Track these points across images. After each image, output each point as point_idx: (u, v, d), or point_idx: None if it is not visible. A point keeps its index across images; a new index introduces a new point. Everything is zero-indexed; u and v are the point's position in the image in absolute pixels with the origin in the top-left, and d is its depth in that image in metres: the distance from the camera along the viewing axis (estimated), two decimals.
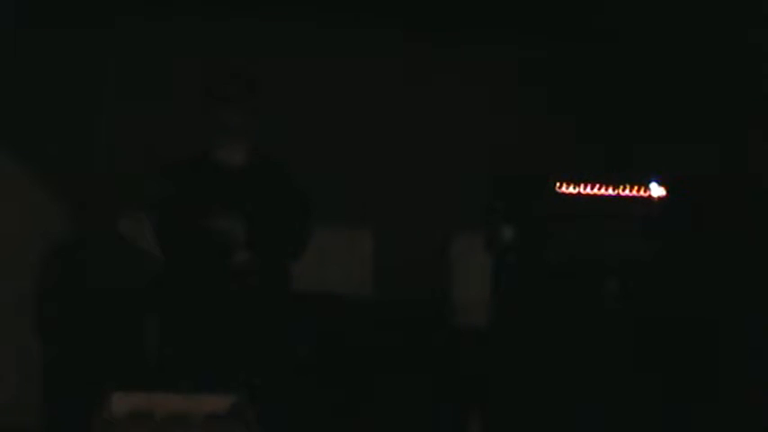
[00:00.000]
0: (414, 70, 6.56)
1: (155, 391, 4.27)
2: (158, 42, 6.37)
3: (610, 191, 5.52)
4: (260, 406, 4.22)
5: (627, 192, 5.51)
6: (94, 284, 6.16)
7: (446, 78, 6.59)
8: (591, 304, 5.48)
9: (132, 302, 6.06)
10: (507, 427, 5.48)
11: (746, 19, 5.62)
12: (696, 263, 5.49)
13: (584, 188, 5.50)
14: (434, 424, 5.90)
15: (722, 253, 5.47)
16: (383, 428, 5.83)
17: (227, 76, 4.97)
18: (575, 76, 6.52)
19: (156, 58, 6.38)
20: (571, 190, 5.50)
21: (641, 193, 5.52)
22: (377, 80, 6.53)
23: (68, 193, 6.29)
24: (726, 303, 5.40)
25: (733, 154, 5.72)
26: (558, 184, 5.49)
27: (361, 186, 6.40)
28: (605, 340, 5.47)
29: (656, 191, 5.51)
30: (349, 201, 6.34)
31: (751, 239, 5.40)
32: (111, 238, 6.23)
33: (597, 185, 5.51)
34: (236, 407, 4.22)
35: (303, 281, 5.16)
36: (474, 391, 5.79)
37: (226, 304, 4.87)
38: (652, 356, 5.45)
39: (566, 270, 5.48)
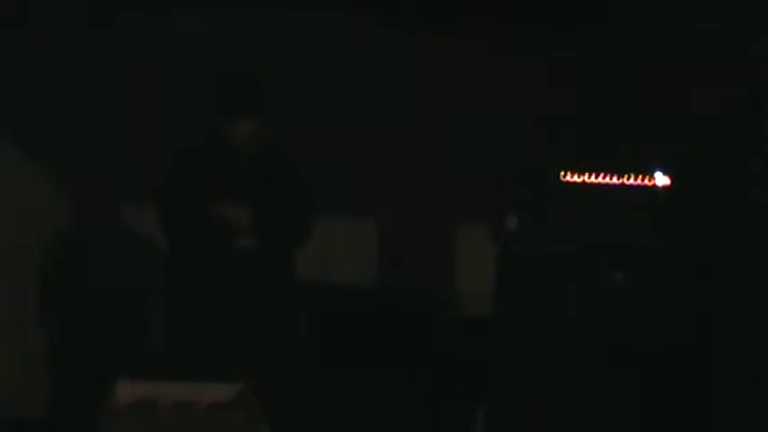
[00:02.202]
0: (416, 66, 6.56)
1: (158, 379, 4.26)
2: (159, 39, 6.37)
3: (614, 180, 5.51)
4: (262, 394, 4.20)
5: (631, 181, 5.51)
6: (97, 278, 6.17)
7: (449, 73, 6.58)
8: (595, 294, 5.47)
9: (136, 290, 6.07)
10: (510, 419, 5.47)
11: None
12: (700, 253, 5.47)
13: (589, 177, 5.50)
14: (437, 415, 5.88)
15: (725, 243, 5.46)
16: (385, 418, 5.81)
17: (237, 91, 4.94)
18: (576, 69, 6.52)
19: (157, 54, 6.37)
20: (575, 179, 5.50)
21: (646, 181, 5.51)
22: (381, 75, 6.53)
23: (69, 188, 6.29)
24: (730, 293, 5.39)
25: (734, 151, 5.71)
26: (562, 174, 5.49)
27: (366, 176, 6.40)
28: (610, 330, 5.46)
29: (661, 180, 5.50)
30: (354, 191, 6.34)
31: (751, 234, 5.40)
32: (113, 232, 6.24)
33: (602, 174, 5.50)
34: (239, 395, 4.21)
35: (307, 270, 5.17)
36: (478, 381, 5.77)
37: (230, 290, 4.86)
38: (654, 345, 5.44)
39: (570, 259, 5.47)
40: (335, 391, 5.81)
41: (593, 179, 5.51)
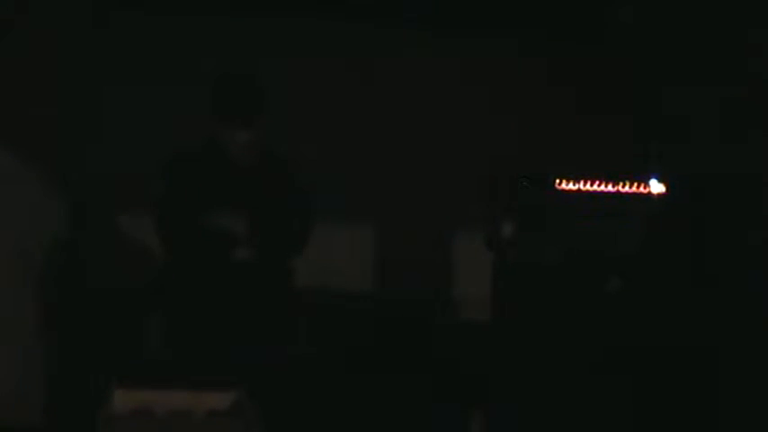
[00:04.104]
0: (414, 69, 6.57)
1: (156, 387, 4.27)
2: (160, 39, 6.38)
3: (610, 187, 5.52)
4: (260, 402, 4.22)
5: (627, 188, 5.52)
6: (95, 282, 6.18)
7: (446, 77, 6.59)
8: (591, 301, 5.48)
9: (133, 299, 6.08)
10: (508, 425, 5.48)
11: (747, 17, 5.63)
12: (695, 259, 5.49)
13: (584, 185, 5.51)
14: (434, 423, 5.88)
15: (721, 249, 5.47)
16: (383, 427, 5.82)
17: (236, 96, 4.94)
18: (574, 73, 6.53)
19: (157, 55, 6.38)
20: (571, 186, 5.50)
21: (641, 189, 5.52)
22: (378, 79, 6.54)
23: (68, 192, 6.31)
24: (727, 299, 5.41)
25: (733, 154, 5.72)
26: (557, 181, 5.50)
27: (363, 183, 6.41)
28: (606, 337, 5.47)
29: (656, 187, 5.51)
30: (350, 198, 6.35)
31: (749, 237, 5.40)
32: (111, 236, 6.26)
33: (597, 182, 5.51)
34: (237, 403, 4.23)
35: (304, 277, 5.19)
36: (474, 390, 5.78)
37: (226, 300, 4.88)
38: (651, 352, 5.45)
39: (566, 267, 5.48)
40: (334, 396, 5.82)
41: (588, 186, 5.52)
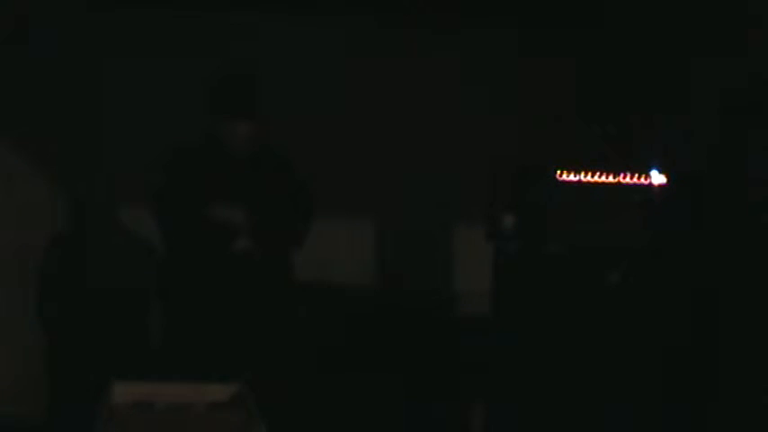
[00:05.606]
0: (413, 66, 6.57)
1: (156, 380, 4.27)
2: (160, 38, 6.38)
3: (610, 178, 5.52)
4: (261, 395, 4.22)
5: (627, 179, 5.51)
6: (95, 276, 6.19)
7: (446, 71, 6.60)
8: (592, 293, 5.47)
9: (134, 293, 6.09)
10: (509, 419, 5.47)
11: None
12: (696, 250, 5.48)
13: (585, 176, 5.50)
14: (436, 414, 5.89)
15: (722, 242, 5.47)
16: (384, 418, 5.82)
17: (234, 92, 4.95)
18: (576, 63, 6.54)
19: (158, 53, 6.38)
20: (571, 178, 5.50)
21: (642, 180, 5.52)
22: (378, 76, 6.54)
23: (69, 189, 6.32)
24: (726, 290, 5.40)
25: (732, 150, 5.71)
26: (558, 173, 5.49)
27: (364, 177, 6.42)
28: (607, 329, 5.46)
29: (657, 178, 5.51)
30: (352, 191, 6.36)
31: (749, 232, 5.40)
32: (112, 232, 6.27)
33: (598, 173, 5.51)
34: (237, 395, 4.22)
35: (305, 270, 5.19)
36: (475, 382, 5.78)
37: (227, 292, 4.88)
38: (652, 346, 5.45)
39: (567, 259, 5.48)
40: (334, 392, 5.82)
41: (589, 178, 5.51)
